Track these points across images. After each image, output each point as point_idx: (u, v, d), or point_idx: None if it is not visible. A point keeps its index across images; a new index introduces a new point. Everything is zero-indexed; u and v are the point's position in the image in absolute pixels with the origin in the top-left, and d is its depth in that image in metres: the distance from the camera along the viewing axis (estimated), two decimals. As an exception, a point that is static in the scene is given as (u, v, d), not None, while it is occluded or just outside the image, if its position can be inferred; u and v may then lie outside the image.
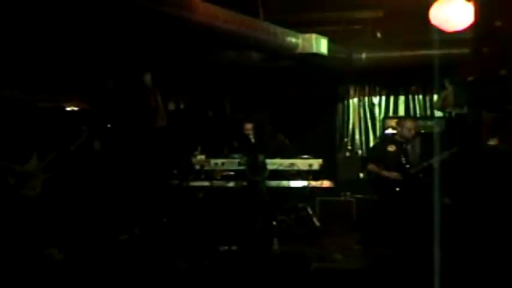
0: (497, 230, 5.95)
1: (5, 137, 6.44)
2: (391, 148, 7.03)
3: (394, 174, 6.84)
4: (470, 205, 6.54)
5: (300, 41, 7.21)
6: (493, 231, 6.01)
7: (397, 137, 7.12)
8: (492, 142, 6.55)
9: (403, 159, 6.90)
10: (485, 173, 6.57)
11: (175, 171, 7.69)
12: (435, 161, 6.71)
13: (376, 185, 7.06)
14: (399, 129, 7.12)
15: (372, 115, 9.95)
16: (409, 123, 7.12)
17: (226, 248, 6.53)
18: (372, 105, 9.97)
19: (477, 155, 6.91)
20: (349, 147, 9.82)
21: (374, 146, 9.09)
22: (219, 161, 7.60)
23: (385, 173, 6.89)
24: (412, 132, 7.00)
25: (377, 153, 7.25)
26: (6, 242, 5.95)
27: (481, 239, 5.94)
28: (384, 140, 8.20)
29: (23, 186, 6.26)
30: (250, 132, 7.68)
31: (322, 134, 9.67)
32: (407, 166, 6.86)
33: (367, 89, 9.99)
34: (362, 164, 7.93)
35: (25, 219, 6.15)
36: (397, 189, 6.82)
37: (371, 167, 7.09)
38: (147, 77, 8.05)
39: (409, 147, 7.00)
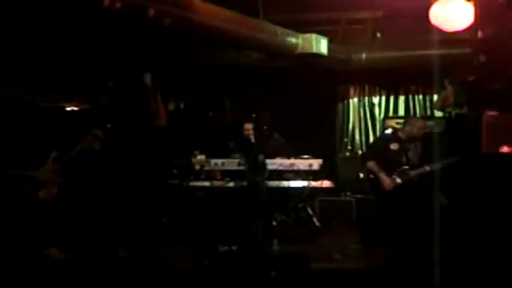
0: (496, 230, 5.96)
1: (16, 141, 6.35)
2: (394, 146, 6.88)
3: (387, 183, 6.69)
4: (468, 205, 6.54)
5: (300, 41, 7.21)
6: (492, 231, 6.02)
7: (401, 135, 6.94)
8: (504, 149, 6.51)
9: (404, 159, 6.80)
10: (484, 174, 6.57)
11: (175, 171, 7.69)
12: (436, 167, 6.59)
13: (373, 184, 6.93)
14: (408, 127, 6.90)
15: (372, 115, 9.95)
16: (420, 122, 6.95)
17: (226, 248, 6.52)
18: (372, 105, 9.97)
19: (477, 156, 6.91)
20: (349, 147, 9.82)
21: (375, 141, 8.79)
22: (219, 161, 7.60)
23: (382, 177, 6.72)
24: (421, 132, 6.82)
25: (378, 150, 7.01)
26: (11, 243, 5.94)
27: (480, 238, 5.95)
28: (387, 136, 7.94)
29: (39, 192, 6.14)
30: (251, 132, 7.67)
31: (322, 134, 9.67)
32: (406, 167, 6.75)
33: (367, 89, 9.99)
34: (361, 159, 7.75)
35: (37, 223, 6.10)
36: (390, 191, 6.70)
37: (371, 164, 6.85)
38: (147, 77, 8.06)
39: (411, 146, 6.85)
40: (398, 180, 6.74)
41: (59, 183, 6.22)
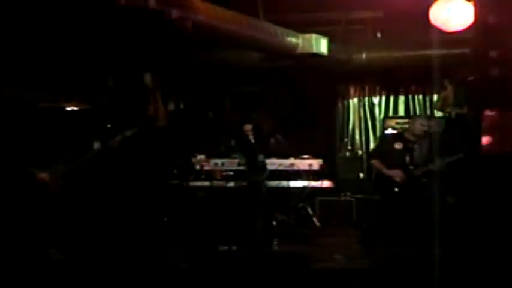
0: (500, 229, 5.95)
1: (17, 141, 6.33)
2: (398, 146, 6.87)
3: (397, 174, 6.71)
4: (474, 204, 6.52)
5: (300, 41, 7.21)
6: (496, 230, 6.01)
7: (406, 134, 6.93)
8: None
9: (408, 158, 6.76)
10: (487, 174, 6.56)
11: (175, 171, 7.69)
12: (440, 165, 6.59)
13: (377, 183, 6.92)
14: (411, 126, 6.93)
15: (372, 115, 9.95)
16: (421, 120, 6.92)
17: (226, 248, 6.53)
18: (372, 105, 9.97)
19: (479, 155, 6.89)
20: (349, 147, 9.81)
21: (381, 140, 8.80)
22: (219, 161, 7.60)
23: (388, 172, 6.76)
24: (424, 129, 6.83)
25: (383, 149, 7.00)
26: (8, 242, 5.94)
27: (483, 238, 5.94)
28: (392, 136, 7.98)
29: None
30: (250, 133, 7.67)
31: (322, 134, 9.67)
32: (411, 167, 6.72)
33: (367, 89, 9.99)
34: (367, 157, 7.64)
35: (38, 224, 6.09)
36: (396, 189, 6.70)
37: (375, 162, 6.86)
38: (147, 77, 8.05)
39: (416, 146, 6.85)
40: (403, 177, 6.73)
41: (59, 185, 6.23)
